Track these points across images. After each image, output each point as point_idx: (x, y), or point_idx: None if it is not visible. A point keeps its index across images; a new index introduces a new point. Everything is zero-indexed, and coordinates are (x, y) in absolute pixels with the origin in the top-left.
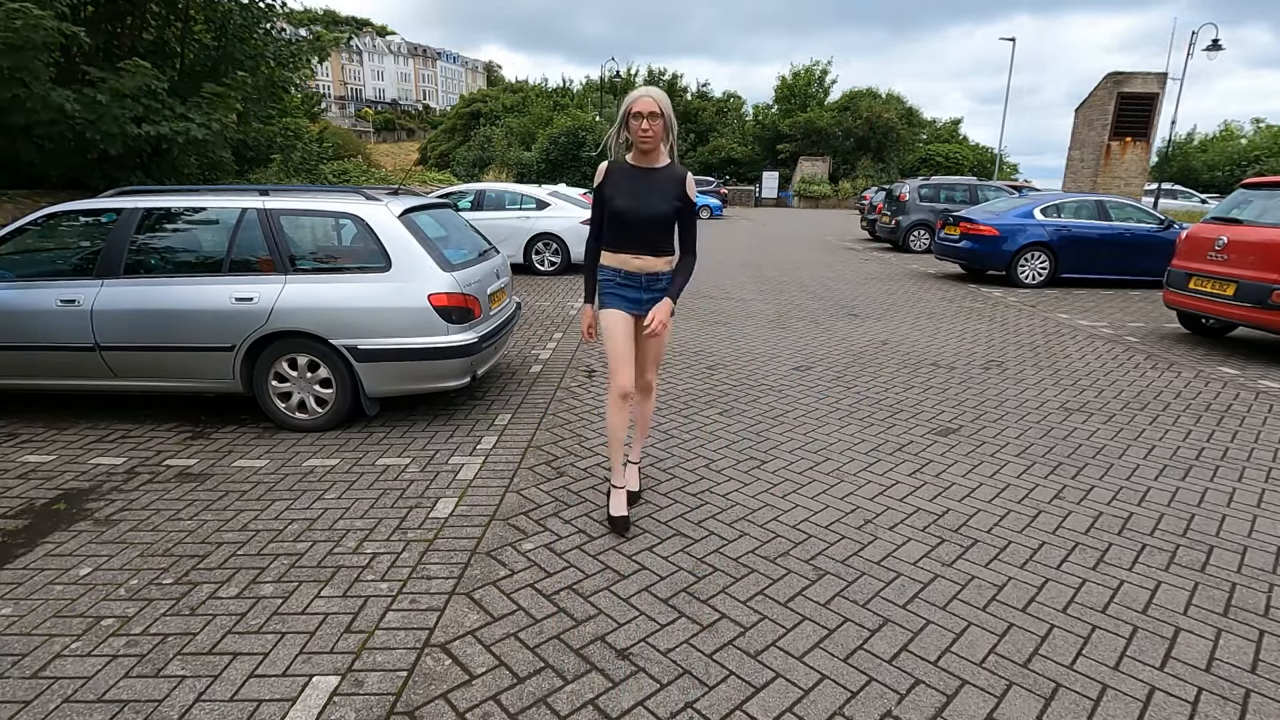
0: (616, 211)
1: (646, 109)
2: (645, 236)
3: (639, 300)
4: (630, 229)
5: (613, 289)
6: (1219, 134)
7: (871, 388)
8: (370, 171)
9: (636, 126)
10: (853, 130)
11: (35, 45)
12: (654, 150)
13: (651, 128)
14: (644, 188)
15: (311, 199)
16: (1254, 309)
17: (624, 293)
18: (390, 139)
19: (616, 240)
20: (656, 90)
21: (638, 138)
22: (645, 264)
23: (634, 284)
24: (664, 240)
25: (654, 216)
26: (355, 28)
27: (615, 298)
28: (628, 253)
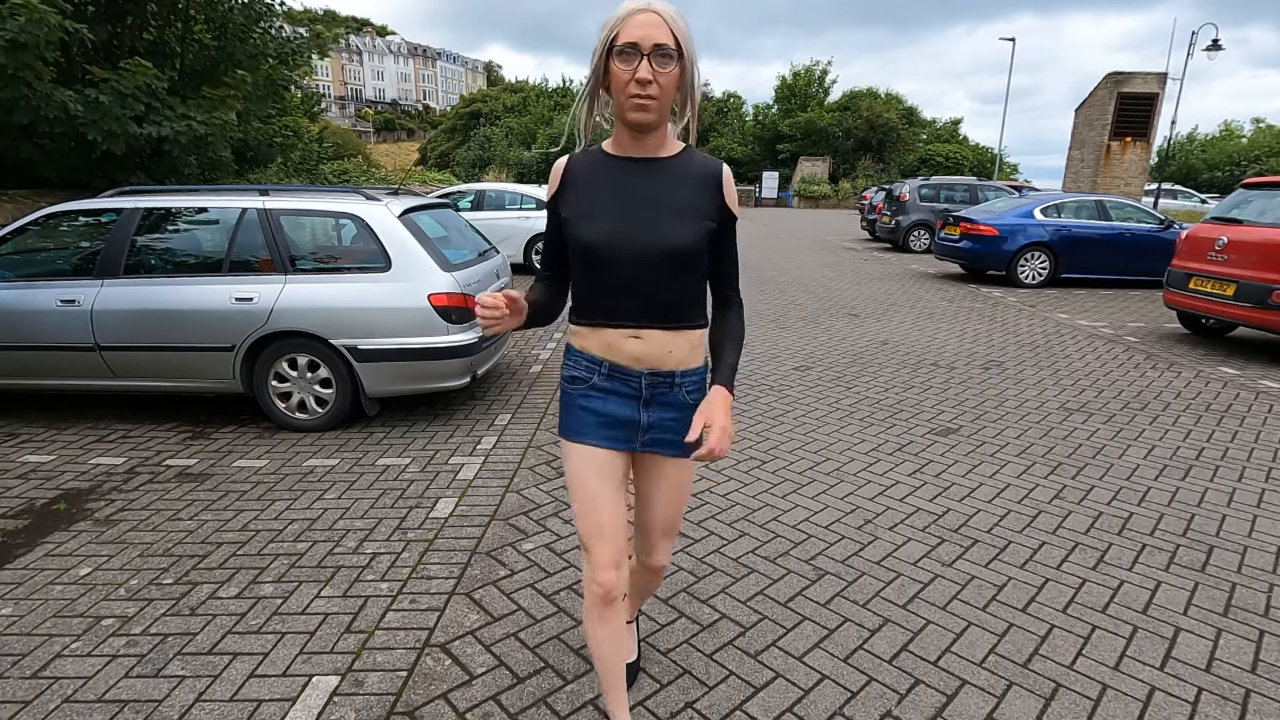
0: (587, 247)
1: (644, 36)
2: (648, 293)
3: (634, 423)
4: (616, 281)
5: (588, 396)
6: (1219, 134)
7: (871, 388)
8: (370, 171)
9: (624, 76)
10: (853, 130)
11: (39, 43)
12: (657, 124)
13: (656, 77)
14: (641, 197)
15: (311, 199)
16: (1254, 309)
17: (608, 405)
18: (390, 139)
19: (592, 303)
20: (664, 2)
21: (628, 99)
22: (651, 349)
23: (628, 388)
24: (686, 298)
25: (664, 253)
26: (355, 27)
27: (591, 416)
28: (616, 327)
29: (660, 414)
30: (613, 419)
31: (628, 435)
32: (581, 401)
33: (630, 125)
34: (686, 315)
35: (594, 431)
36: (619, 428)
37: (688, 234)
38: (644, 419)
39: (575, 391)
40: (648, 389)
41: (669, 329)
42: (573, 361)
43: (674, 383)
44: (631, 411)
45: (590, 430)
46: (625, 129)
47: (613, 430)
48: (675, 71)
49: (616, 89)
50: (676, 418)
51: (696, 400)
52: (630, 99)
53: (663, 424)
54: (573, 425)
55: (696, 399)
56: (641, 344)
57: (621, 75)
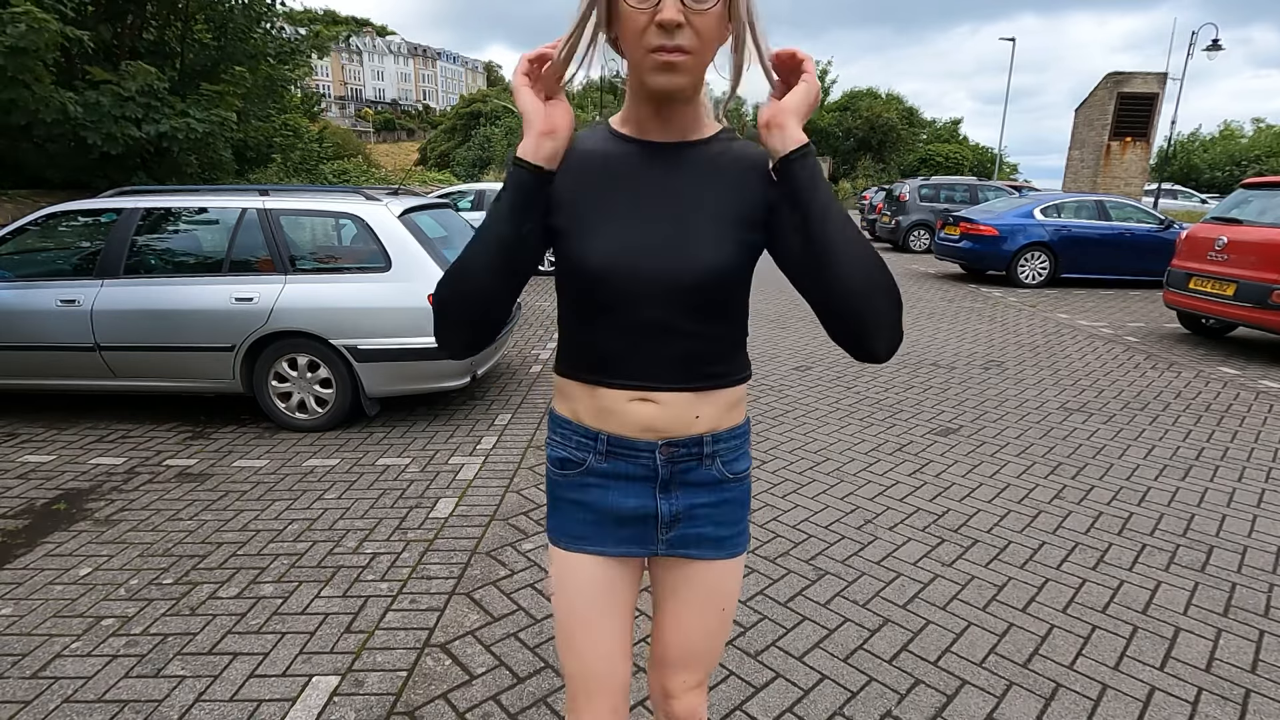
0: (588, 275)
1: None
2: (666, 341)
3: (649, 517)
4: (625, 324)
5: (583, 485)
6: (1219, 134)
7: (871, 388)
8: (370, 171)
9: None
10: (853, 130)
11: (39, 48)
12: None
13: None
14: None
15: (311, 199)
16: (1254, 309)
17: (610, 496)
18: (390, 139)
19: (585, 352)
20: None
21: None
22: (667, 416)
23: (637, 467)
24: (720, 348)
25: (695, 282)
26: (355, 27)
27: (587, 514)
28: (616, 386)
29: (688, 499)
30: (618, 514)
31: (641, 534)
32: (574, 494)
33: (650, 94)
34: (719, 370)
35: (594, 535)
36: (629, 525)
37: (729, 254)
38: (665, 509)
39: (565, 479)
40: (665, 466)
41: (694, 389)
42: (559, 436)
43: (703, 453)
44: (644, 500)
45: (588, 533)
46: (642, 99)
47: (620, 529)
48: (718, 9)
49: (628, 37)
50: (712, 502)
51: (739, 474)
52: (649, 54)
53: (693, 514)
54: (563, 526)
55: (739, 471)
56: (654, 409)
57: (635, 17)
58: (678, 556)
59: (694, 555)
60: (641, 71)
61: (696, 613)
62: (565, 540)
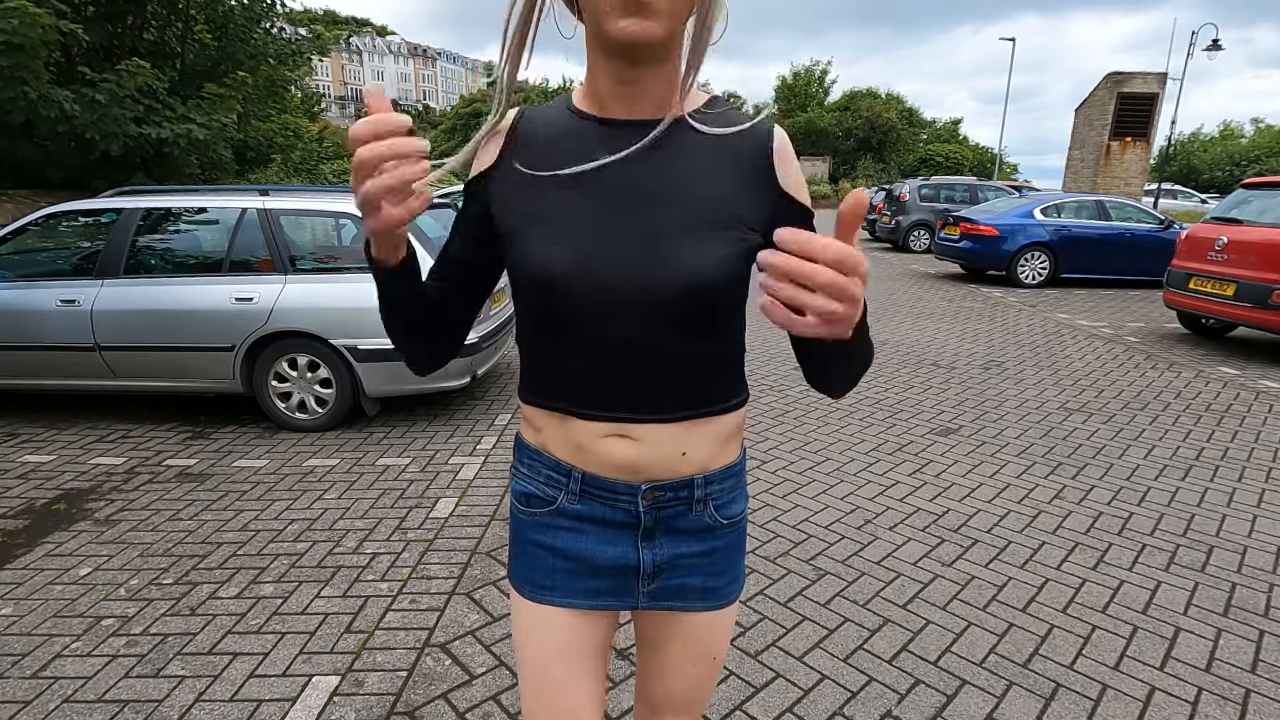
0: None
1: None
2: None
3: (628, 569)
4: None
5: (552, 528)
6: (1218, 134)
7: (871, 388)
8: None
9: None
10: (853, 130)
11: (34, 44)
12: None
13: None
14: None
15: (311, 199)
16: (1254, 309)
17: (583, 542)
18: None
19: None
20: None
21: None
22: (651, 454)
23: (616, 511)
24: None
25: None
26: (355, 27)
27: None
28: (591, 418)
29: (674, 548)
30: (592, 565)
31: (619, 586)
32: (542, 536)
33: (613, 47)
34: (710, 395)
35: (564, 585)
36: (604, 576)
37: (716, 259)
38: (647, 560)
39: (531, 519)
40: (648, 513)
41: (679, 420)
42: (525, 467)
43: (693, 498)
44: (624, 549)
45: (557, 583)
46: (604, 60)
47: (594, 580)
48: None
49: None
50: (702, 551)
51: (734, 519)
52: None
53: (679, 564)
54: (528, 573)
55: (733, 516)
56: (634, 447)
57: None
58: (662, 609)
59: (681, 608)
60: (601, 15)
61: (683, 664)
62: (530, 589)
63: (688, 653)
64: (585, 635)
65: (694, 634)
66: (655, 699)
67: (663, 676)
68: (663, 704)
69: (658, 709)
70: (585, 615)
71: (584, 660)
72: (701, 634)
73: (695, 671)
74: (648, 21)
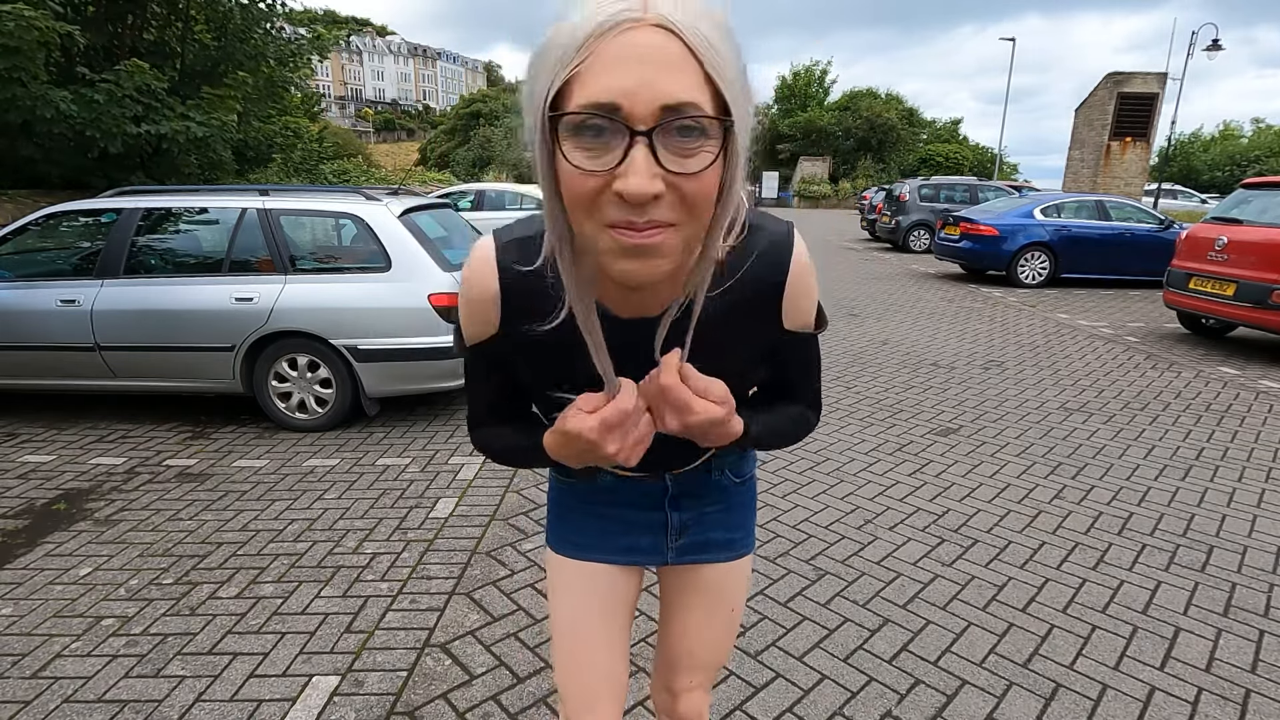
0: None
1: (638, 85)
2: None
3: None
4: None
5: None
6: (1218, 134)
7: (871, 388)
8: (370, 171)
9: (587, 184)
10: (853, 130)
11: (31, 46)
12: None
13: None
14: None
15: (311, 199)
16: (1254, 309)
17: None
18: (390, 139)
19: None
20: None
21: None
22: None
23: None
24: None
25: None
26: (355, 27)
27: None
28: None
29: (698, 507)
30: (627, 523)
31: (651, 544)
32: (580, 501)
33: (617, 279)
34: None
35: (600, 544)
36: (637, 533)
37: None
38: (675, 519)
39: (570, 486)
40: (675, 483)
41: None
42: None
43: (710, 466)
44: (654, 512)
45: (594, 542)
46: (605, 275)
47: (628, 538)
48: (716, 165)
49: (574, 204)
50: (721, 508)
51: (745, 477)
52: (612, 230)
53: (702, 520)
54: (567, 534)
55: (744, 474)
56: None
57: (581, 183)
58: (687, 564)
59: (704, 560)
60: (599, 254)
61: (705, 617)
62: (569, 548)
63: (709, 605)
64: (619, 589)
65: (714, 584)
66: (679, 657)
67: (687, 631)
68: (685, 661)
69: (680, 667)
70: (619, 571)
71: (617, 613)
72: (722, 582)
73: (715, 625)
74: (654, 262)
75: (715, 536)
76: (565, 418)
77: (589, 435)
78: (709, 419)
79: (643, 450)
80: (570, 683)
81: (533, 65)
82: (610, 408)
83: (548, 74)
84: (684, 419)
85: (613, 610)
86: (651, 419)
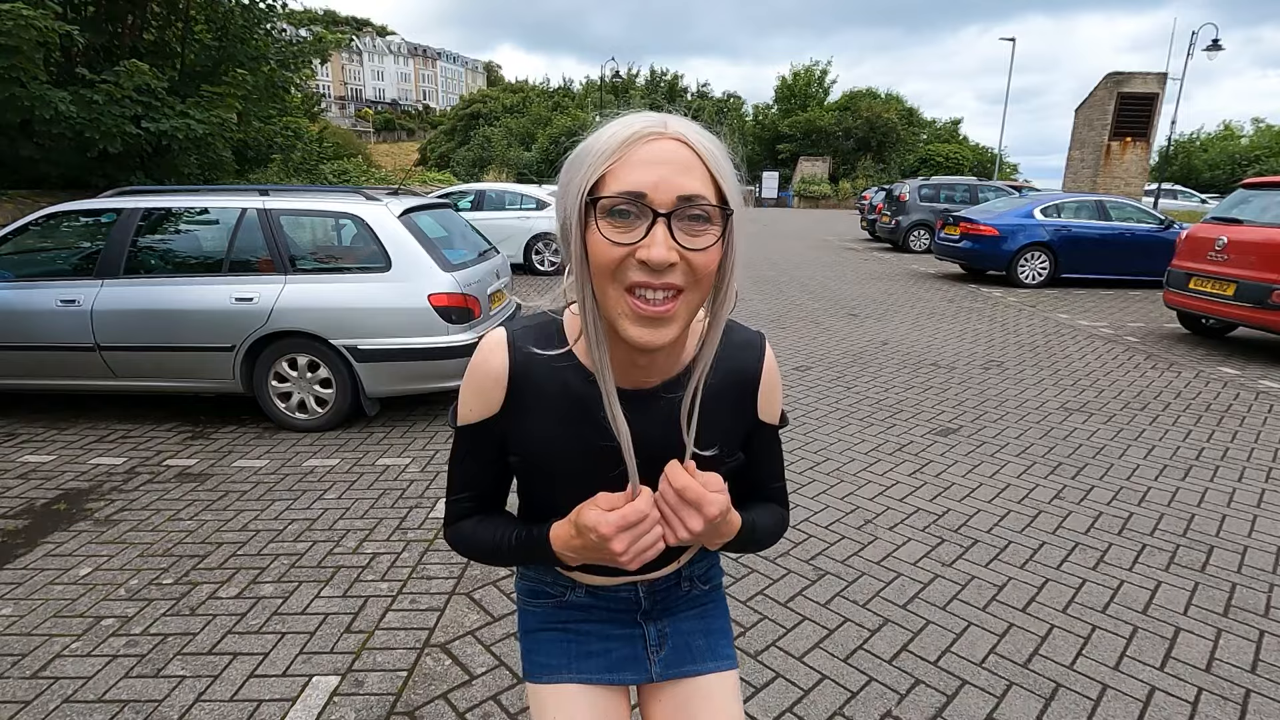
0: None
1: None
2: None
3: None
4: None
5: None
6: (1219, 134)
7: (871, 388)
8: (370, 171)
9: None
10: (853, 130)
11: (29, 45)
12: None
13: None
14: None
15: (311, 199)
16: (1254, 309)
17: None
18: (390, 139)
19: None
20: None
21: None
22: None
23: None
24: None
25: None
26: (355, 28)
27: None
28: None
29: (671, 620)
30: (605, 638)
31: (630, 660)
32: (552, 622)
33: (629, 342)
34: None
35: (577, 663)
36: (615, 648)
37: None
38: (651, 633)
39: (538, 609)
40: (647, 596)
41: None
42: (532, 570)
43: (681, 578)
44: (629, 628)
45: (571, 663)
46: (616, 341)
47: (606, 655)
48: (716, 247)
49: (599, 275)
50: (696, 613)
51: (715, 584)
52: (630, 296)
53: (680, 629)
54: (541, 659)
55: (715, 581)
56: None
57: (609, 252)
58: (674, 679)
59: (691, 672)
60: (615, 317)
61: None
62: (547, 674)
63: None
64: (606, 709)
65: (709, 702)
66: None
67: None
68: None
69: None
70: (602, 692)
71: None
72: (715, 700)
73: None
74: (664, 331)
75: (697, 644)
76: (583, 510)
77: (603, 529)
78: (721, 511)
79: (646, 560)
80: None
81: (570, 165)
82: (630, 507)
83: (587, 169)
84: (705, 512)
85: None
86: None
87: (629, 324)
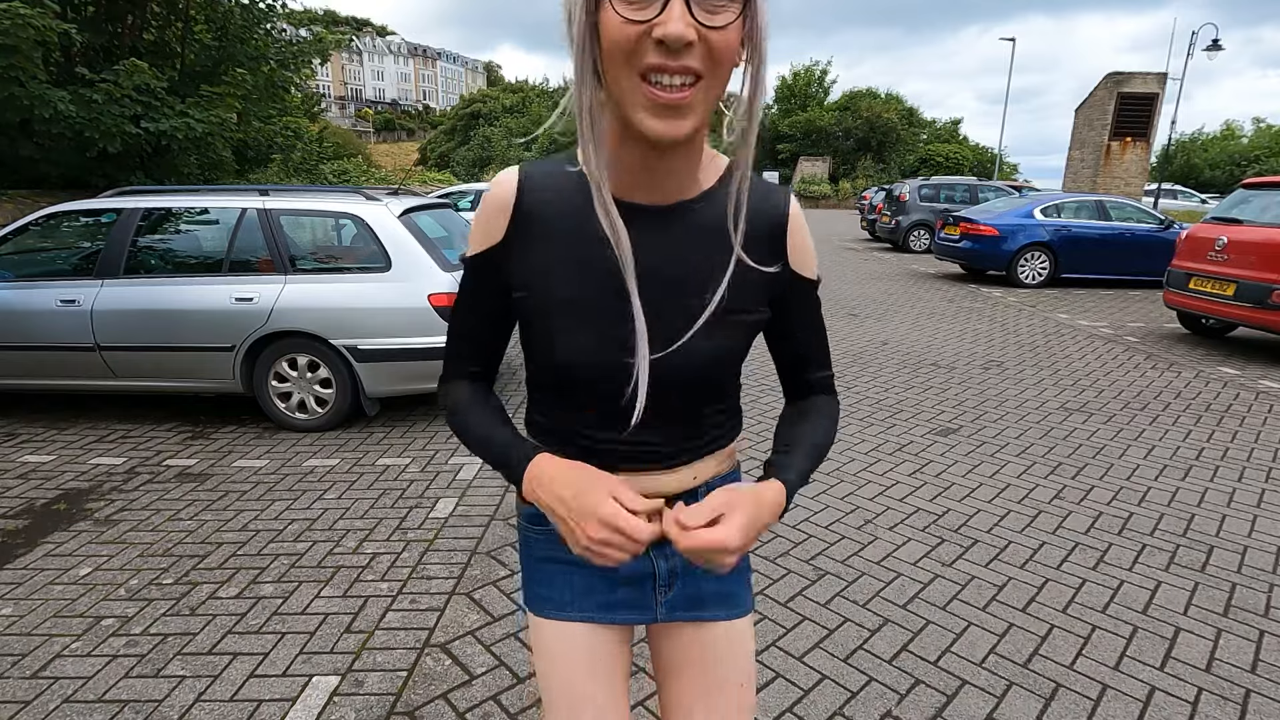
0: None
1: None
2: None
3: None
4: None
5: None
6: (1219, 134)
7: (871, 388)
8: (370, 171)
9: (629, 32)
10: (853, 130)
11: (28, 44)
12: (695, 134)
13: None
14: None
15: (311, 199)
16: (1254, 309)
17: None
18: (390, 139)
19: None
20: None
21: (639, 80)
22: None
23: None
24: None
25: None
26: (355, 28)
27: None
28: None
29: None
30: (608, 576)
31: (636, 598)
32: (555, 552)
33: (644, 137)
34: (716, 437)
35: (580, 599)
36: (622, 586)
37: (729, 345)
38: (661, 566)
39: (543, 535)
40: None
41: (689, 462)
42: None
43: (697, 498)
44: (638, 561)
45: (575, 599)
46: (630, 143)
47: (612, 592)
48: (737, 25)
49: (613, 56)
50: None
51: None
52: (643, 84)
53: (691, 569)
54: (545, 592)
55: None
56: (647, 480)
57: (623, 31)
58: (680, 621)
59: (699, 617)
60: (630, 107)
61: (709, 693)
62: (549, 608)
63: (712, 676)
64: (609, 649)
65: (716, 651)
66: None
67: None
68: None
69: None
70: (605, 631)
71: (611, 675)
72: (723, 650)
73: (723, 703)
74: (680, 122)
75: (708, 588)
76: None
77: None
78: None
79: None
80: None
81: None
82: (628, 522)
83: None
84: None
85: (607, 674)
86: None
87: (645, 115)
